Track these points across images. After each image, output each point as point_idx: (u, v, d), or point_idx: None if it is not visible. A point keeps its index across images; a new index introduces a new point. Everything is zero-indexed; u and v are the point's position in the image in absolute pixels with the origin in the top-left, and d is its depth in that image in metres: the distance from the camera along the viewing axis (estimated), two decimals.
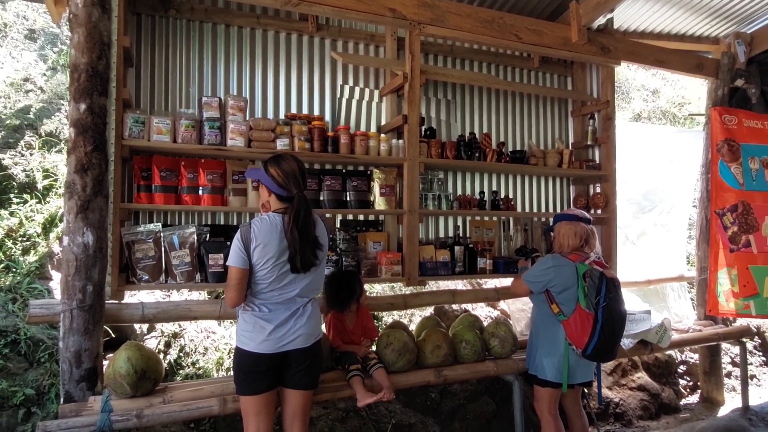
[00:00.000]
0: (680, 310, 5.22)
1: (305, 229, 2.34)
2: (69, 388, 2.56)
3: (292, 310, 2.40)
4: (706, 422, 4.36)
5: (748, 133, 4.51)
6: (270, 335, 2.35)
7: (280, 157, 2.44)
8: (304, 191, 2.41)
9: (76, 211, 2.55)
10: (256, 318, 2.37)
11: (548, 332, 3.04)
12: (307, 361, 2.43)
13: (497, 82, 4.18)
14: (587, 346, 2.85)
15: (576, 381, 3.03)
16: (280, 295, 2.39)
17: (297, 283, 2.40)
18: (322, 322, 2.58)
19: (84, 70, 2.60)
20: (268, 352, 2.35)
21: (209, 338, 3.78)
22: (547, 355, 3.02)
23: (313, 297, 2.52)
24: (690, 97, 8.48)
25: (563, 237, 3.09)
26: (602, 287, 2.87)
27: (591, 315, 2.84)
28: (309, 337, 2.43)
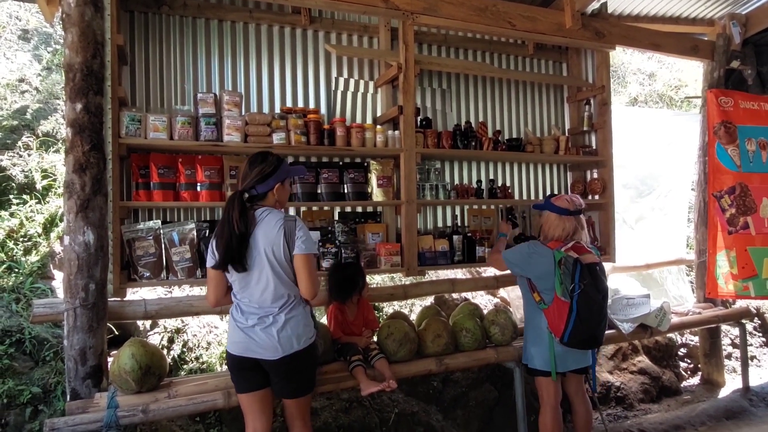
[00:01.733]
0: (679, 294, 5.25)
1: (222, 226, 2.33)
2: (75, 386, 2.59)
3: (258, 318, 2.35)
4: (707, 404, 4.41)
5: (744, 114, 4.51)
6: (239, 338, 2.38)
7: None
8: (248, 191, 2.39)
9: (76, 211, 2.56)
10: (232, 318, 2.44)
11: (533, 321, 3.05)
12: (282, 372, 2.37)
13: (492, 71, 4.18)
14: (563, 334, 2.83)
15: (569, 368, 3.03)
16: (248, 300, 2.38)
17: (254, 287, 2.35)
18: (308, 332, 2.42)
19: (79, 70, 2.60)
20: (238, 354, 2.38)
21: (212, 333, 3.82)
22: (534, 344, 3.04)
23: (290, 302, 2.39)
24: (686, 79, 8.46)
25: (549, 228, 3.05)
26: (576, 274, 2.84)
27: (567, 303, 2.81)
28: (276, 350, 2.33)
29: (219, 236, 2.34)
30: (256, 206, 2.42)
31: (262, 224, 2.35)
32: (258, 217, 2.37)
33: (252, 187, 2.40)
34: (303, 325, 2.41)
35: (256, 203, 2.43)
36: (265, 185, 2.41)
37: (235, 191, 2.41)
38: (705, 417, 4.12)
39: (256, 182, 2.39)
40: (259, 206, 2.42)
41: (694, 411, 4.21)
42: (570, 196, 3.11)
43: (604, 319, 2.93)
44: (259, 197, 2.43)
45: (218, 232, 2.36)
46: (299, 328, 2.39)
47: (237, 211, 2.32)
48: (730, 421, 4.10)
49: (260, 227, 2.35)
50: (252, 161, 2.42)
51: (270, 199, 2.45)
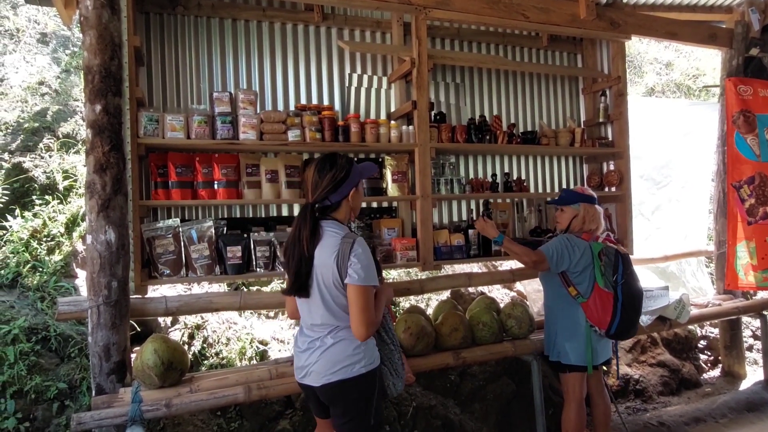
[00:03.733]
0: (699, 286, 5.20)
1: (293, 245, 2.11)
2: (100, 381, 2.65)
3: (309, 341, 2.18)
4: (728, 396, 4.37)
5: (763, 103, 4.44)
6: (295, 363, 2.26)
7: (309, 162, 2.26)
8: (320, 202, 2.14)
9: (98, 210, 2.62)
10: (296, 341, 2.29)
11: (567, 316, 3.02)
12: (328, 401, 2.17)
13: (506, 63, 4.16)
14: (611, 325, 2.85)
15: (599, 361, 3.05)
16: (304, 318, 2.21)
17: (307, 307, 2.17)
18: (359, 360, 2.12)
19: (97, 72, 2.65)
20: (297, 379, 2.26)
21: (231, 329, 3.87)
22: (569, 339, 3.00)
23: (337, 327, 2.13)
24: (704, 68, 8.32)
25: (590, 219, 3.03)
26: (619, 264, 2.87)
27: (610, 294, 2.83)
28: (320, 375, 2.11)
29: (290, 256, 2.13)
30: (326, 218, 2.16)
31: (320, 245, 2.09)
32: (322, 235, 2.11)
33: (325, 197, 2.13)
34: (353, 350, 2.11)
35: (328, 215, 2.17)
36: (338, 194, 2.13)
37: (306, 203, 2.15)
38: (726, 409, 4.09)
39: (329, 192, 2.12)
40: (329, 218, 2.16)
41: (715, 403, 4.17)
42: (585, 187, 3.13)
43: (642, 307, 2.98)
44: (332, 208, 2.17)
45: (288, 251, 2.15)
46: (347, 353, 2.11)
47: (308, 230, 2.07)
48: (751, 414, 4.06)
49: (319, 248, 2.09)
50: (321, 167, 2.13)
51: (344, 208, 2.19)
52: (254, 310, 4.10)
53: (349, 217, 2.26)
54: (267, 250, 3.22)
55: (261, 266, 3.20)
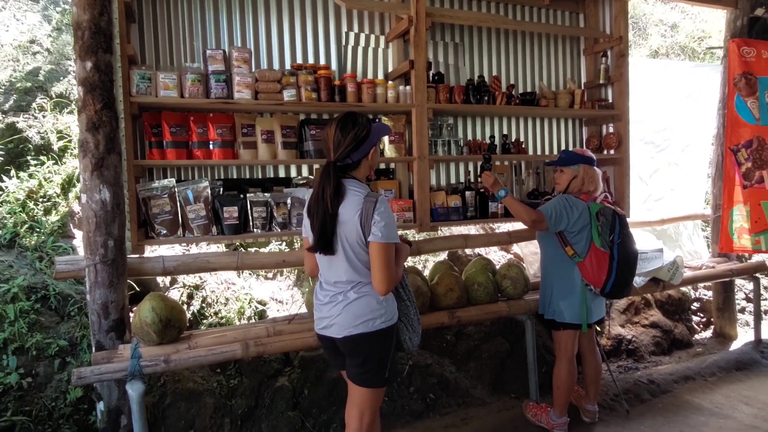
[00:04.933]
0: (694, 249, 5.23)
1: (317, 203, 2.15)
2: (99, 338, 2.70)
3: (331, 294, 2.23)
4: (718, 356, 4.45)
5: (766, 65, 4.38)
6: (316, 315, 2.31)
7: (333, 119, 2.22)
8: (341, 161, 2.17)
9: (91, 169, 2.61)
10: (315, 293, 2.35)
11: (564, 275, 3.07)
12: (349, 352, 2.23)
13: (506, 22, 4.07)
14: (605, 284, 2.91)
15: (593, 320, 3.11)
16: (324, 274, 2.28)
17: (329, 264, 2.23)
18: (380, 316, 2.18)
19: (87, 28, 2.60)
20: (317, 331, 2.32)
21: (229, 289, 3.91)
22: (564, 297, 3.06)
23: (360, 283, 2.19)
24: (710, 30, 8.16)
25: (589, 180, 3.05)
26: (616, 225, 2.90)
27: (606, 253, 2.88)
28: (342, 327, 2.17)
29: (314, 215, 2.17)
30: (347, 177, 2.20)
31: (344, 203, 2.13)
32: (344, 194, 2.15)
33: (346, 156, 2.16)
34: (376, 305, 2.18)
35: (348, 174, 2.21)
36: (360, 152, 2.17)
37: (327, 162, 2.18)
38: (715, 368, 4.17)
39: (351, 150, 2.15)
40: (350, 177, 2.21)
41: (705, 362, 4.26)
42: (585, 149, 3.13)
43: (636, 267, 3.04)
44: (352, 166, 2.20)
45: (312, 209, 2.19)
46: (370, 308, 2.17)
47: (332, 188, 2.10)
48: (740, 372, 4.15)
49: (343, 206, 2.13)
50: (342, 126, 2.15)
51: (363, 167, 2.24)
52: (252, 271, 4.14)
53: (368, 176, 2.31)
54: (264, 210, 3.23)
55: (258, 227, 3.21)
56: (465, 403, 3.61)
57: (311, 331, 2.88)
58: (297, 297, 4.12)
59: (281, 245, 4.32)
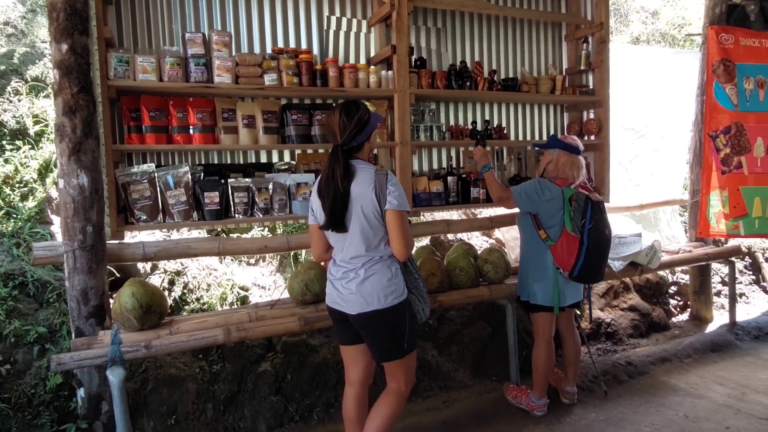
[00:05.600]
0: (672, 234, 5.32)
1: (327, 184, 2.26)
2: (79, 325, 2.68)
3: (343, 271, 2.34)
4: (694, 338, 4.56)
5: (744, 52, 4.43)
6: (329, 290, 2.42)
7: (332, 109, 2.36)
8: (346, 143, 2.29)
9: (69, 154, 2.57)
10: (329, 270, 2.44)
11: (537, 258, 3.13)
12: (365, 330, 2.34)
13: (488, 8, 4.06)
14: (574, 268, 2.95)
15: (566, 303, 3.16)
16: (337, 253, 2.38)
17: (342, 242, 2.32)
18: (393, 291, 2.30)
19: (62, 9, 2.55)
20: (330, 305, 2.43)
21: (211, 275, 3.89)
22: (537, 280, 3.13)
23: (371, 259, 2.30)
24: (690, 17, 8.23)
25: (560, 166, 3.10)
26: (587, 210, 2.92)
27: (577, 238, 2.92)
28: (355, 305, 2.28)
29: (324, 195, 2.27)
30: (352, 158, 2.33)
31: (355, 180, 2.26)
32: (353, 173, 2.28)
33: (352, 138, 2.29)
34: (386, 282, 2.29)
35: (353, 156, 2.34)
36: (363, 135, 2.32)
37: (335, 145, 2.30)
38: (691, 350, 4.27)
39: (356, 133, 2.29)
40: (355, 158, 2.34)
41: (681, 344, 4.36)
42: (574, 137, 3.16)
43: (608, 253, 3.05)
44: (356, 149, 2.34)
45: (322, 190, 2.28)
46: (381, 285, 2.28)
47: (341, 168, 2.23)
48: (715, 354, 4.26)
49: (354, 183, 2.25)
50: (347, 111, 2.29)
51: (366, 149, 2.39)
52: (234, 256, 4.13)
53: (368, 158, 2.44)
54: (245, 196, 3.21)
55: (240, 212, 3.20)
56: (447, 387, 3.66)
57: (294, 316, 2.90)
58: (279, 282, 4.12)
59: (263, 231, 4.31)
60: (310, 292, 3.00)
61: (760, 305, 5.43)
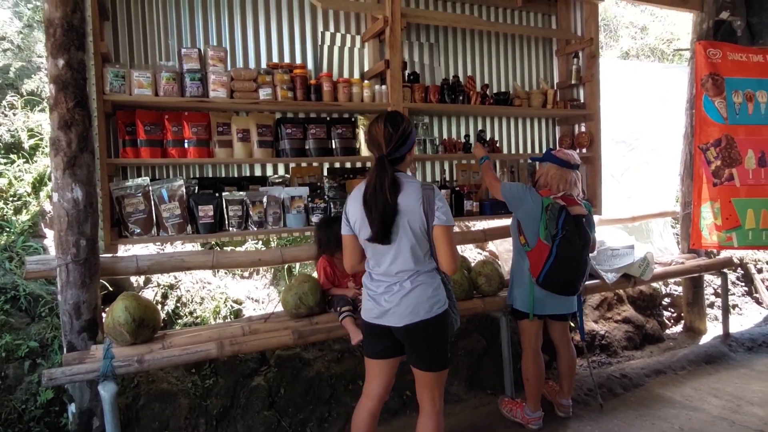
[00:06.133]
0: (664, 246, 5.36)
1: (374, 196, 2.22)
2: (71, 339, 2.66)
3: (386, 285, 2.32)
4: (688, 350, 4.57)
5: (732, 66, 4.50)
6: (370, 305, 2.38)
7: (374, 120, 2.33)
8: (391, 155, 2.25)
9: (63, 168, 2.58)
10: (365, 285, 2.44)
11: (518, 264, 3.21)
12: (411, 340, 2.33)
13: (480, 24, 4.13)
14: (539, 275, 2.97)
15: (546, 312, 3.16)
16: (377, 266, 2.35)
17: (386, 255, 2.30)
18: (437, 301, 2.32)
19: (59, 25, 2.57)
20: (370, 320, 2.40)
21: (205, 288, 3.88)
22: (517, 286, 3.21)
23: (417, 272, 2.30)
24: (679, 33, 8.36)
25: (548, 178, 3.13)
26: (560, 220, 2.91)
27: (548, 246, 2.93)
28: (402, 316, 2.27)
29: (372, 207, 2.23)
30: (396, 170, 2.30)
31: (403, 193, 2.24)
32: (400, 185, 2.25)
33: (396, 150, 2.26)
34: (432, 292, 2.31)
35: (395, 167, 2.30)
36: (406, 146, 2.30)
37: (380, 156, 2.26)
38: (685, 362, 4.28)
39: (400, 144, 2.26)
40: (397, 170, 2.31)
41: (675, 356, 4.36)
42: (570, 152, 3.20)
43: (583, 267, 3.01)
44: (398, 160, 2.31)
45: (369, 201, 2.24)
46: (427, 295, 2.29)
47: (389, 180, 2.20)
48: (709, 365, 4.26)
49: (402, 196, 2.24)
50: (393, 121, 2.27)
51: (407, 161, 2.36)
52: (228, 270, 4.12)
53: (413, 170, 2.43)
54: (240, 209, 3.22)
55: (234, 225, 3.20)
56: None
57: (287, 329, 2.90)
58: (273, 296, 4.10)
59: (257, 244, 4.31)
60: (304, 305, 2.99)
61: (752, 317, 5.45)
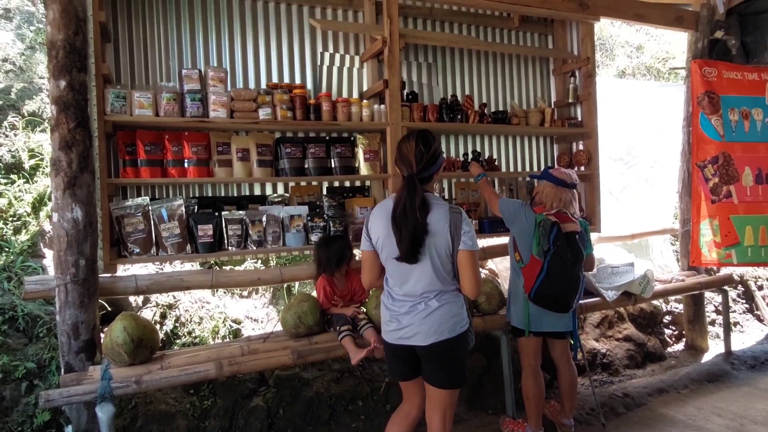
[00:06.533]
0: (664, 263, 5.35)
1: (404, 214, 2.20)
2: (69, 360, 2.64)
3: (411, 305, 2.30)
4: (690, 368, 4.53)
5: (727, 84, 4.55)
6: (393, 326, 2.35)
7: (405, 138, 2.33)
8: (421, 174, 2.25)
9: (64, 188, 2.58)
10: (385, 305, 2.42)
11: (514, 280, 3.20)
12: (433, 358, 2.31)
13: (477, 44, 4.18)
14: (531, 290, 2.96)
15: (542, 329, 3.13)
16: (400, 286, 2.33)
17: (411, 274, 2.28)
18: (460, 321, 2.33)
19: (61, 47, 2.60)
20: (393, 342, 2.37)
21: (204, 308, 3.87)
22: (514, 302, 3.21)
23: (442, 291, 2.30)
24: (674, 51, 8.45)
25: (544, 196, 3.13)
26: (551, 236, 2.90)
27: (540, 262, 2.93)
28: (428, 335, 2.26)
29: (401, 225, 2.20)
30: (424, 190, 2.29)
31: (431, 214, 2.23)
32: (429, 205, 2.25)
33: (425, 169, 2.26)
34: (456, 312, 2.32)
35: (423, 186, 2.29)
36: (435, 166, 2.31)
37: (410, 174, 2.25)
38: (688, 380, 4.24)
39: (429, 164, 2.27)
40: (425, 190, 2.29)
41: (677, 375, 4.33)
42: (568, 171, 3.20)
43: (575, 283, 2.97)
44: (427, 179, 2.31)
45: (398, 220, 2.21)
46: (451, 315, 2.30)
47: (420, 199, 2.20)
48: (712, 384, 4.23)
49: (430, 217, 2.23)
50: (425, 140, 2.26)
51: (434, 180, 2.37)
52: (227, 289, 4.11)
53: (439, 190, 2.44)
54: (239, 228, 3.22)
55: (233, 245, 3.20)
56: None
57: (287, 349, 2.88)
58: (272, 315, 4.09)
59: (256, 263, 4.30)
60: (303, 324, 2.98)
61: (754, 334, 5.42)
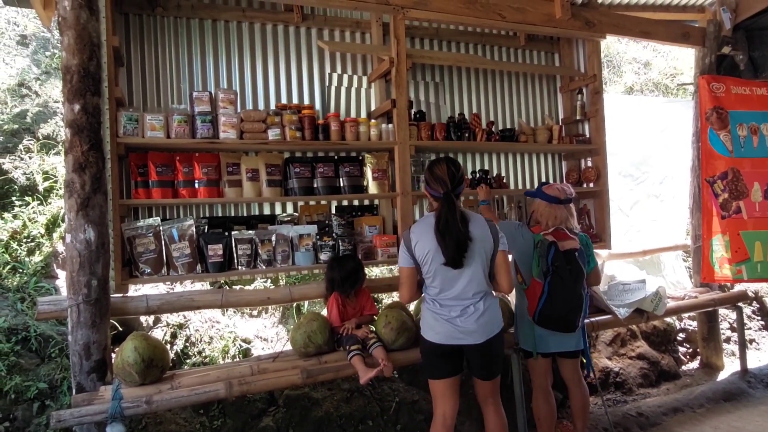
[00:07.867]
0: (677, 279, 5.29)
1: (447, 225, 2.48)
2: (80, 380, 2.65)
3: (461, 309, 2.58)
4: (706, 386, 4.45)
5: (736, 100, 4.55)
6: (443, 328, 2.60)
7: (435, 162, 2.63)
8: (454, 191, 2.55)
9: (77, 209, 2.63)
10: (431, 311, 2.66)
11: (519, 302, 3.20)
12: (484, 354, 2.63)
13: (484, 62, 4.22)
14: (534, 313, 2.95)
15: (550, 350, 3.10)
16: (448, 292, 2.59)
17: (458, 279, 2.56)
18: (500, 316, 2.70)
19: (76, 72, 2.66)
20: (442, 342, 2.61)
21: (214, 327, 3.88)
22: (520, 324, 3.20)
23: (487, 293, 2.63)
24: (682, 67, 8.46)
25: (538, 214, 3.11)
26: (549, 256, 2.88)
27: (540, 283, 2.90)
28: (480, 335, 2.58)
29: (445, 235, 2.48)
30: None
31: (471, 223, 2.56)
32: (467, 217, 2.58)
33: (456, 188, 2.58)
34: (496, 311, 2.67)
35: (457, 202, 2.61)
36: (462, 185, 2.64)
37: (447, 192, 2.55)
38: (703, 399, 4.17)
39: (459, 183, 2.60)
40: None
41: (693, 394, 4.25)
42: (561, 185, 3.16)
43: (577, 301, 2.93)
44: (457, 197, 2.60)
45: (442, 231, 2.49)
46: (496, 313, 2.66)
47: (460, 212, 2.52)
48: (728, 403, 4.15)
49: (471, 226, 2.55)
50: (454, 164, 2.61)
51: (461, 198, 2.69)
52: (237, 309, 4.12)
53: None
54: (249, 248, 3.25)
55: (243, 264, 3.22)
56: None
57: (296, 368, 2.87)
58: (282, 334, 4.09)
59: (266, 282, 4.32)
60: (312, 344, 2.98)
61: None
